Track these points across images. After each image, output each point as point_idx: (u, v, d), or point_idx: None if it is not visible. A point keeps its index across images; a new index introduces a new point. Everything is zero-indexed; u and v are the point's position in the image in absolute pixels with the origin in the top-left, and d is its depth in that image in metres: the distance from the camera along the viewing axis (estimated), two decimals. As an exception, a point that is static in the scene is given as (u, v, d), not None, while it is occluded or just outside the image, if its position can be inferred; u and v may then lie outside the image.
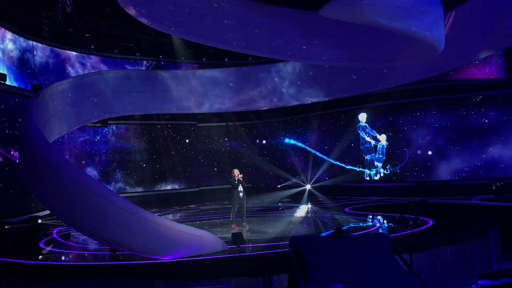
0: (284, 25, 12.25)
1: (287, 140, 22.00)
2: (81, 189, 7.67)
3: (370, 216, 13.25)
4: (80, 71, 18.93)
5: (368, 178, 20.42)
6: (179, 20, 12.07)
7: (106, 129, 20.38)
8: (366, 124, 20.14)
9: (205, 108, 18.97)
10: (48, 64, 17.73)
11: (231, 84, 18.44)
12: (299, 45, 12.56)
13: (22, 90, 15.34)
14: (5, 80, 14.40)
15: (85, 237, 10.98)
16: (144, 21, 12.38)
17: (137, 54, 20.51)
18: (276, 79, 18.03)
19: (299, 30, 12.28)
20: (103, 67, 19.85)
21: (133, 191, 20.67)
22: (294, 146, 22.51)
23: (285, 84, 18.00)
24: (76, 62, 19.14)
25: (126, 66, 20.61)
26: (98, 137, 20.24)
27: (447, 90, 18.57)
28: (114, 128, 20.74)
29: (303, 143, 22.38)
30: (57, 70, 18.19)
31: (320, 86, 17.24)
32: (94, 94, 15.33)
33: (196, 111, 19.54)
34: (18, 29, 15.77)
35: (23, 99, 14.93)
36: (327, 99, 18.52)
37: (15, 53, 15.77)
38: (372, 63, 13.33)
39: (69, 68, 18.77)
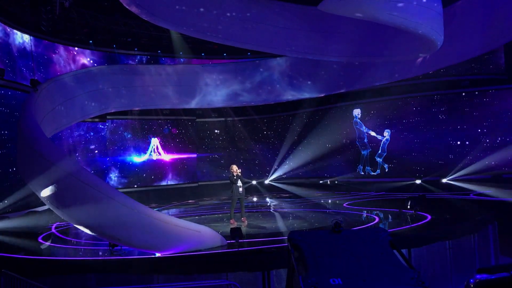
0: (284, 20, 12.21)
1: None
2: (80, 184, 7.68)
3: (365, 212, 13.28)
4: (78, 66, 18.87)
5: (362, 173, 20.47)
6: (177, 14, 12.01)
7: (104, 124, 20.34)
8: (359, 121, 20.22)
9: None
10: (46, 58, 17.67)
11: (224, 80, 18.32)
12: (298, 40, 12.52)
13: (20, 85, 15.31)
14: (3, 75, 14.37)
15: (84, 232, 10.97)
16: (142, 15, 12.31)
17: (135, 49, 20.44)
18: (270, 74, 17.90)
19: (298, 25, 12.24)
20: (101, 62, 19.79)
21: (132, 186, 20.65)
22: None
23: (279, 80, 17.87)
24: (74, 57, 19.07)
25: (124, 61, 20.54)
26: (97, 133, 20.20)
27: (446, 85, 18.54)
28: (112, 123, 20.68)
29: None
30: (55, 65, 18.13)
31: (316, 81, 17.17)
32: (92, 89, 15.26)
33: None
34: (16, 24, 15.70)
35: (21, 94, 14.90)
36: (323, 95, 18.44)
37: (12, 48, 15.70)
38: (371, 58, 13.31)
39: (66, 63, 18.71)
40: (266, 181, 22.84)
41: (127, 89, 16.93)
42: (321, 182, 21.27)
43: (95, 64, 19.52)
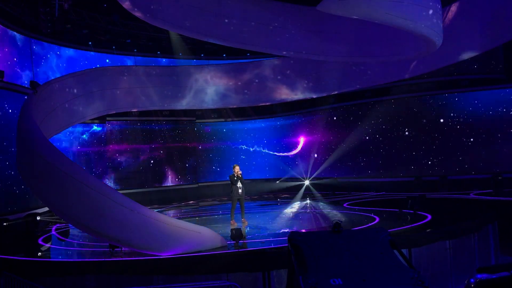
0: (282, 20, 12.21)
1: None
2: (79, 185, 7.67)
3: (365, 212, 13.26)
4: (78, 68, 18.85)
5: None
6: (176, 15, 12.01)
7: (103, 126, 20.33)
8: None
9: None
10: (45, 60, 17.66)
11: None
12: (297, 40, 12.52)
13: (20, 87, 15.29)
14: (3, 77, 14.35)
15: (84, 233, 10.98)
16: (141, 16, 12.31)
17: (135, 50, 20.43)
18: (264, 74, 17.81)
19: (297, 25, 12.25)
20: (101, 63, 19.78)
21: (132, 187, 20.62)
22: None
23: (272, 80, 17.77)
24: (74, 58, 19.06)
25: (125, 62, 20.55)
26: (96, 134, 20.19)
27: (445, 85, 18.52)
28: (111, 125, 20.66)
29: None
30: (54, 66, 18.12)
31: (313, 81, 17.12)
32: (91, 91, 15.25)
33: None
34: (15, 25, 15.68)
35: (20, 96, 14.88)
36: (321, 95, 18.38)
37: (12, 50, 15.70)
38: (370, 58, 13.30)
39: (66, 64, 18.70)
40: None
41: (125, 90, 16.93)
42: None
43: (97, 65, 19.50)
